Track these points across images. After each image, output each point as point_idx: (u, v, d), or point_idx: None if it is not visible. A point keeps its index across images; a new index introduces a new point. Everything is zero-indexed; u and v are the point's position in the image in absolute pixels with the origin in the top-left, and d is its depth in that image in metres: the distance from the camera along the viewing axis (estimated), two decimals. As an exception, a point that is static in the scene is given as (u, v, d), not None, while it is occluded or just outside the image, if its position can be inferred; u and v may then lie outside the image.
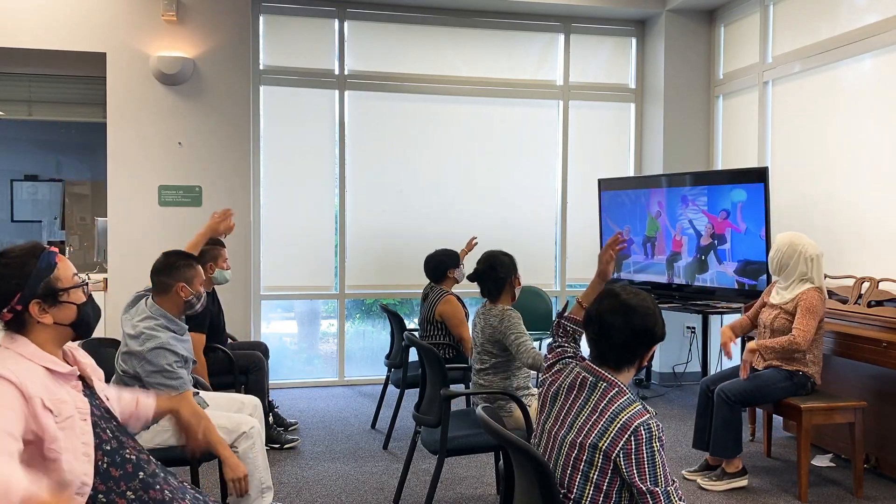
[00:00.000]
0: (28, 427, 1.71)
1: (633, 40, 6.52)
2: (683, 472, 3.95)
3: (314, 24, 5.97)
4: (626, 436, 1.85)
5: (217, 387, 3.94)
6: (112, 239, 5.46)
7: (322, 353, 6.32)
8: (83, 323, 1.96)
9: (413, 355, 4.45)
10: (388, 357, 4.86)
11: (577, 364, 2.10)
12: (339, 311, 6.14)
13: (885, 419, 3.93)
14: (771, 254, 3.89)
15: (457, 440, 3.16)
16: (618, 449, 1.86)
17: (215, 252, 4.22)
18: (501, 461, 2.27)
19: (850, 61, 4.77)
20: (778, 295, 3.85)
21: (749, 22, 5.79)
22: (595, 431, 1.90)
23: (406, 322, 4.81)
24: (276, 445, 4.35)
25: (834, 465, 4.15)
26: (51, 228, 7.48)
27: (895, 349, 3.61)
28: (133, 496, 1.79)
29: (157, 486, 1.85)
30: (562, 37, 6.40)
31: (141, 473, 1.84)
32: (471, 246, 5.23)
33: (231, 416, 3.05)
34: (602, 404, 1.93)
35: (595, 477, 1.90)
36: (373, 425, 4.88)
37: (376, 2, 5.98)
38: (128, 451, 1.85)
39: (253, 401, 3.32)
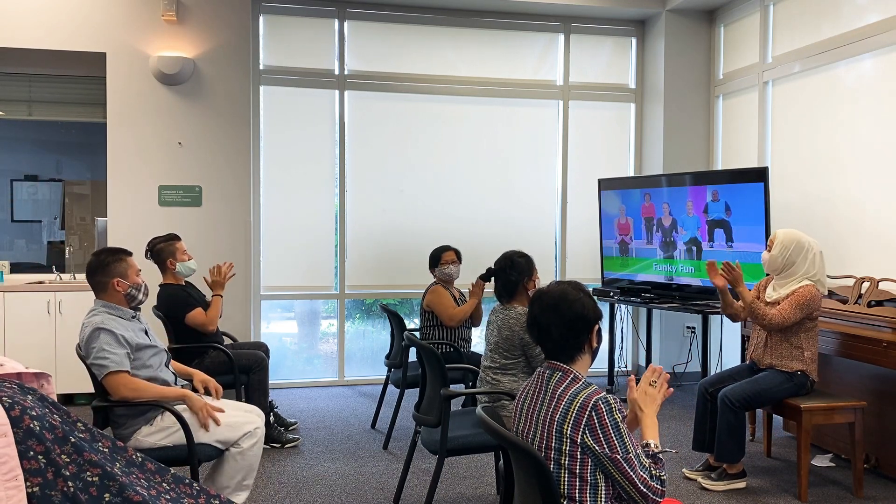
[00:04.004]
0: None
1: (633, 40, 6.52)
2: (684, 471, 3.95)
3: (314, 24, 5.97)
4: (588, 412, 1.93)
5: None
6: (112, 239, 5.45)
7: (322, 353, 6.31)
8: None
9: (413, 355, 4.45)
10: (388, 357, 4.86)
11: (539, 368, 2.17)
12: (339, 311, 6.14)
13: (885, 419, 3.93)
14: (775, 252, 3.75)
15: (457, 440, 3.16)
16: (582, 427, 1.93)
17: (171, 247, 4.22)
18: (501, 461, 2.28)
19: (850, 61, 4.77)
20: (775, 291, 3.81)
21: (749, 22, 5.78)
22: (557, 415, 1.97)
23: (406, 322, 4.81)
24: (278, 445, 4.35)
25: (834, 465, 4.15)
26: (51, 228, 7.47)
27: (895, 349, 3.61)
28: (68, 459, 1.88)
29: (87, 449, 1.94)
30: (562, 37, 6.40)
31: (72, 438, 1.92)
32: None
33: (242, 413, 3.13)
34: (559, 390, 2.02)
35: (567, 463, 1.96)
36: (373, 425, 4.88)
37: (376, 2, 5.98)
38: (51, 419, 1.94)
39: (257, 411, 3.34)
